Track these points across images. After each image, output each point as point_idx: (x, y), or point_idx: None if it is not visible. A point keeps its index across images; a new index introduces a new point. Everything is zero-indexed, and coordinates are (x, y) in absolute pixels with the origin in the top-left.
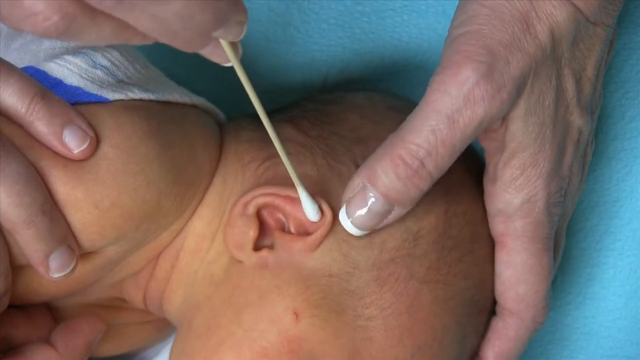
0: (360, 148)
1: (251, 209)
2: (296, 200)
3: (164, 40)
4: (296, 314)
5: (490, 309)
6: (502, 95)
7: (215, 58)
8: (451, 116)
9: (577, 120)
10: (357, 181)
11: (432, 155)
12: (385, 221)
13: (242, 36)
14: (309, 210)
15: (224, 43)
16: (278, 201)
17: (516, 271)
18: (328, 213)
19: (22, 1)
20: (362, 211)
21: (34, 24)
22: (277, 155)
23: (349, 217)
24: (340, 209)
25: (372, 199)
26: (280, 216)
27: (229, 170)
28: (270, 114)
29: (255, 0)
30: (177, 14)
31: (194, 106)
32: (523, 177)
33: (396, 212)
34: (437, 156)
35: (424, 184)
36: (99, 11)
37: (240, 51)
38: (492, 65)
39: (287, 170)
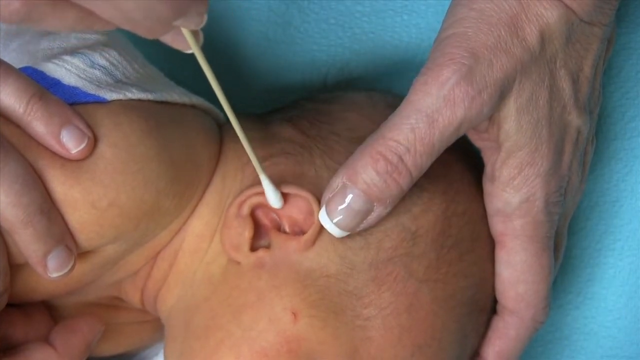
0: None
1: (246, 210)
2: (289, 198)
3: (125, 27)
4: (294, 314)
5: (490, 308)
6: (483, 97)
7: (177, 45)
8: (431, 115)
9: (575, 119)
10: (337, 181)
11: (410, 152)
12: (366, 222)
13: (202, 25)
14: (271, 197)
15: (185, 31)
16: None
17: (515, 271)
18: (318, 212)
19: None
20: (343, 210)
21: None
22: (276, 154)
23: (329, 217)
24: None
25: (352, 197)
26: (275, 216)
27: (228, 169)
28: (269, 113)
29: (255, 0)
30: (136, 4)
31: (193, 106)
32: (521, 177)
33: (377, 212)
34: (415, 153)
35: (404, 181)
36: None
37: (202, 39)
38: (473, 68)
39: (286, 169)
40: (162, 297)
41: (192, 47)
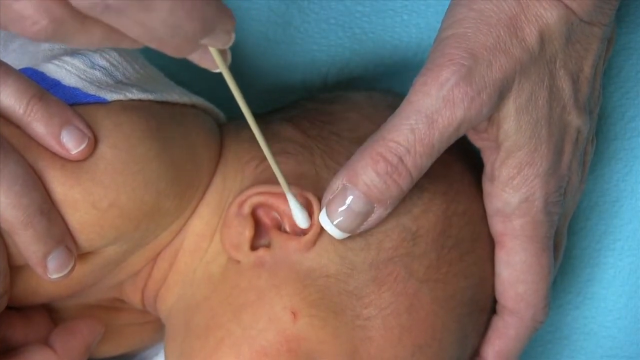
0: None
1: (246, 209)
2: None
3: (152, 45)
4: (294, 313)
5: (490, 308)
6: (482, 97)
7: (204, 64)
8: (430, 116)
9: (575, 119)
10: (337, 182)
11: (410, 153)
12: (367, 223)
13: (230, 44)
14: (299, 217)
15: (212, 50)
16: (272, 200)
17: (515, 271)
18: (319, 213)
19: (11, 4)
20: (343, 212)
21: (23, 28)
22: (276, 154)
23: (330, 219)
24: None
25: (353, 199)
26: (276, 215)
27: (228, 169)
28: (270, 113)
29: (255, 0)
30: (163, 22)
31: (193, 106)
32: (520, 177)
33: (377, 213)
34: (415, 154)
35: (404, 182)
36: (88, 16)
37: (229, 58)
38: (473, 68)
39: (286, 169)
40: (162, 296)
41: (219, 67)
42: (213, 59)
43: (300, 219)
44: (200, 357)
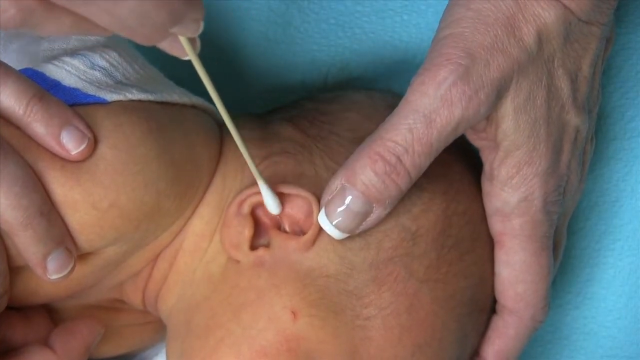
0: None
1: (246, 208)
2: (289, 198)
3: (121, 34)
4: (294, 313)
5: (490, 307)
6: (480, 96)
7: (173, 52)
8: (428, 116)
9: (574, 119)
10: (336, 183)
11: (409, 153)
12: (366, 223)
13: (198, 32)
14: (270, 203)
15: (181, 39)
16: None
17: (514, 270)
18: (317, 212)
19: None
20: (342, 212)
21: None
22: (276, 154)
23: (329, 219)
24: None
25: (351, 199)
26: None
27: (228, 169)
28: (270, 113)
29: (255, 0)
30: (132, 12)
31: (193, 106)
32: (519, 176)
33: (376, 213)
34: (414, 154)
35: (402, 182)
36: (57, 5)
37: (198, 45)
38: (470, 68)
39: (286, 169)
40: (162, 297)
41: (189, 54)
42: (183, 47)
43: (271, 205)
44: (200, 356)
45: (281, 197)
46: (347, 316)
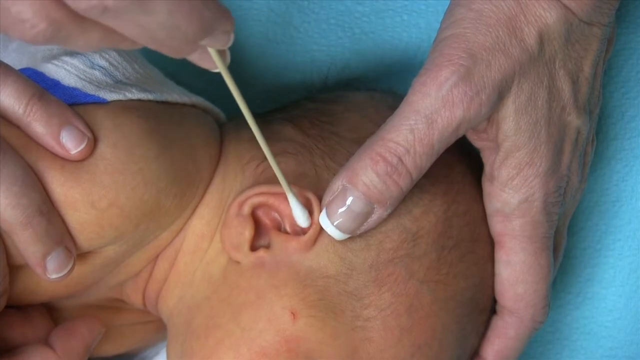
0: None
1: (246, 209)
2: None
3: (151, 46)
4: (293, 314)
5: (490, 308)
6: (481, 97)
7: (203, 64)
8: (430, 116)
9: (575, 120)
10: (338, 183)
11: (410, 153)
12: (367, 224)
13: (229, 44)
14: (299, 216)
15: (211, 51)
16: (272, 200)
17: (515, 271)
18: (319, 212)
19: (9, 7)
20: (343, 213)
21: (22, 31)
22: (277, 154)
23: (330, 220)
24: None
25: (353, 199)
26: (276, 215)
27: (228, 169)
28: (270, 113)
29: (255, 0)
30: (162, 24)
31: (193, 106)
32: (519, 177)
33: (377, 214)
34: (415, 154)
35: (404, 182)
36: (87, 18)
37: (228, 58)
38: (471, 68)
39: (287, 169)
40: (163, 297)
41: (218, 67)
42: (212, 59)
43: (300, 218)
44: (199, 357)
45: (281, 197)
46: (347, 317)
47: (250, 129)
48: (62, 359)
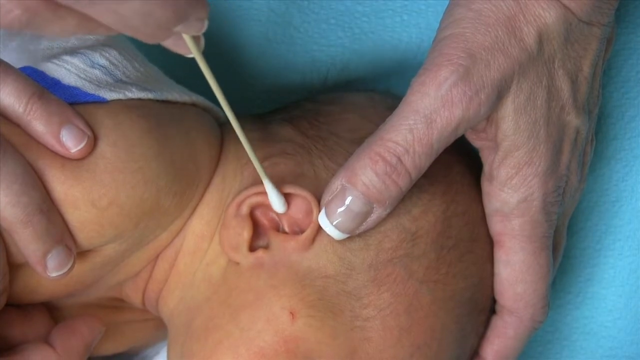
0: None
1: (244, 210)
2: (289, 198)
3: (125, 32)
4: (292, 314)
5: (490, 308)
6: (480, 97)
7: (177, 49)
8: (429, 116)
9: (574, 119)
10: (337, 183)
11: (409, 153)
12: (366, 224)
13: (202, 31)
14: (275, 202)
15: (186, 37)
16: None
17: (514, 270)
18: (317, 212)
19: None
20: (342, 213)
21: None
22: (276, 154)
23: (329, 220)
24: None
25: (352, 199)
26: (274, 215)
27: (228, 169)
28: (270, 114)
29: (255, 0)
30: (136, 11)
31: (193, 105)
32: (519, 177)
33: (376, 214)
34: (414, 154)
35: (403, 182)
36: (61, 5)
37: (202, 44)
38: (471, 68)
39: (286, 170)
40: (163, 298)
41: (193, 53)
42: (187, 45)
43: (276, 204)
44: (199, 358)
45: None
46: (346, 317)
47: (249, 129)
48: (62, 357)
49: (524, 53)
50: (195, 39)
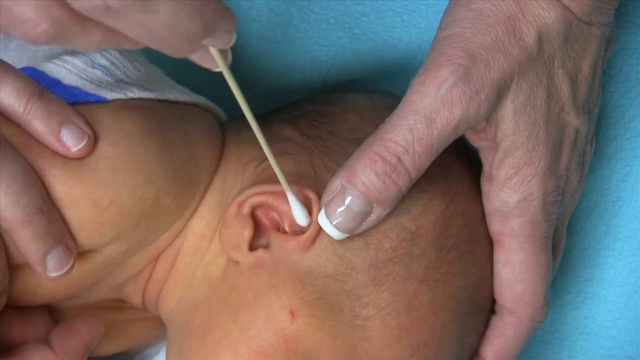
0: None
1: (246, 209)
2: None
3: (152, 46)
4: (292, 313)
5: (490, 308)
6: (480, 97)
7: (204, 63)
8: (429, 116)
9: (574, 119)
10: (336, 183)
11: (409, 153)
12: (366, 224)
13: (231, 44)
14: (299, 215)
15: (213, 50)
16: (271, 200)
17: (514, 270)
18: (318, 212)
19: (11, 7)
20: (342, 213)
21: (24, 31)
22: (276, 154)
23: (329, 220)
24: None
25: (352, 199)
26: (275, 215)
27: (229, 169)
28: (270, 114)
29: (255, 0)
30: (164, 24)
31: (194, 105)
32: (518, 176)
33: (376, 214)
34: (414, 154)
35: (403, 182)
36: (89, 18)
37: (230, 58)
38: (471, 68)
39: (286, 170)
40: (163, 298)
41: (220, 67)
42: (213, 59)
43: (300, 217)
44: (198, 358)
45: (281, 197)
46: (346, 316)
47: (250, 129)
48: (62, 358)
49: (524, 53)
50: (223, 52)
